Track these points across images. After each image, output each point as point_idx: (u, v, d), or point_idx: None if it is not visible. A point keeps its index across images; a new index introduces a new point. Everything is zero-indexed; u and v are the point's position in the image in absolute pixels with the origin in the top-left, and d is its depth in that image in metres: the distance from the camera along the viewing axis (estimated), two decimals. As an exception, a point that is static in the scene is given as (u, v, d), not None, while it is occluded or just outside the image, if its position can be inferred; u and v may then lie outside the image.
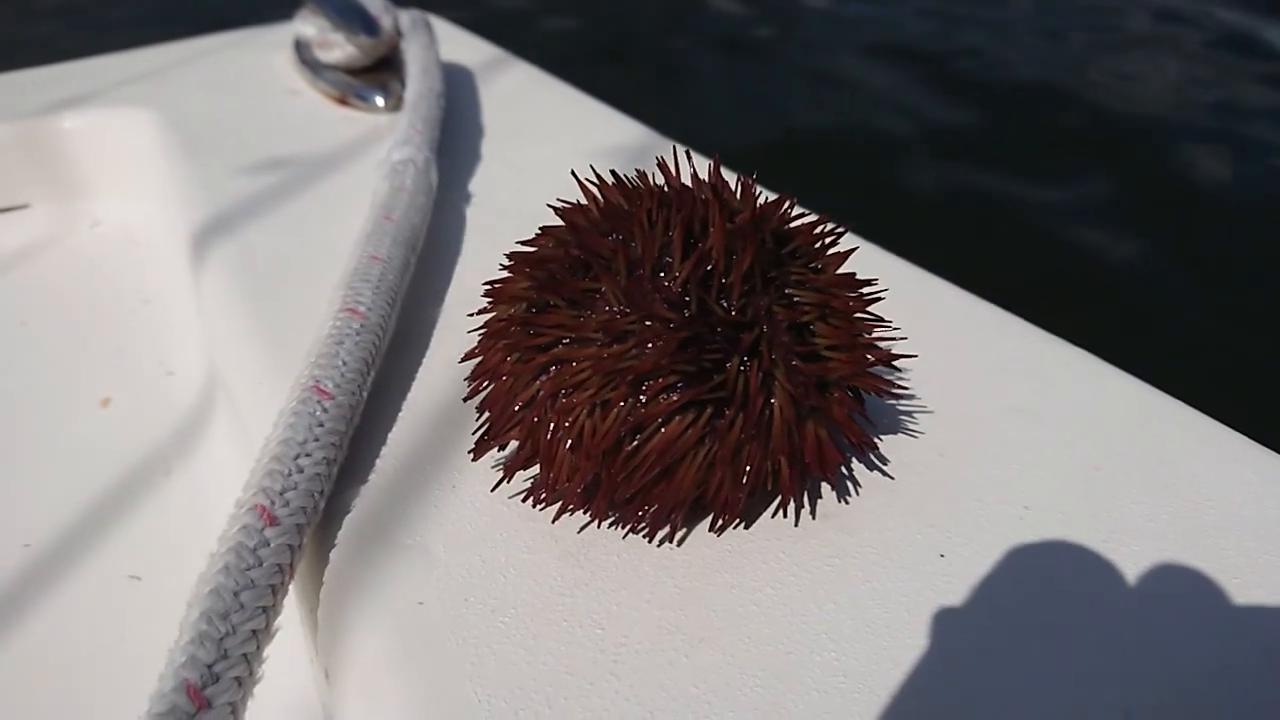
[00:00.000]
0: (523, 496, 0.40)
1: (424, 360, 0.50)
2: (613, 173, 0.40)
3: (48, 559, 0.53)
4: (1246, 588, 0.36)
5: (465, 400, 0.41)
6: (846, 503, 0.40)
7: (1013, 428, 0.44)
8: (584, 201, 0.39)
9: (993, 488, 0.41)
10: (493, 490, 0.40)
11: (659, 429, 0.35)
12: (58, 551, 0.54)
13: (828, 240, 0.40)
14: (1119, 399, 0.47)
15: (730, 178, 0.40)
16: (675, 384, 0.35)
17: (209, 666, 0.31)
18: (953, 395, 0.46)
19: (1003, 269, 1.63)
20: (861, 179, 2.14)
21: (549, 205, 0.40)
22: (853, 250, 0.40)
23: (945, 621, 0.35)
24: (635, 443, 0.35)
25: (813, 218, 0.40)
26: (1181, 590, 0.36)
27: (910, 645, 0.34)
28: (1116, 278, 1.82)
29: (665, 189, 0.39)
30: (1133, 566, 0.37)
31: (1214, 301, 1.75)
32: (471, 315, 0.41)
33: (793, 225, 0.39)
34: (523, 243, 0.40)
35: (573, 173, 0.41)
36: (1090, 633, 0.35)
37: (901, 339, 0.40)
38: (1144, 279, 1.82)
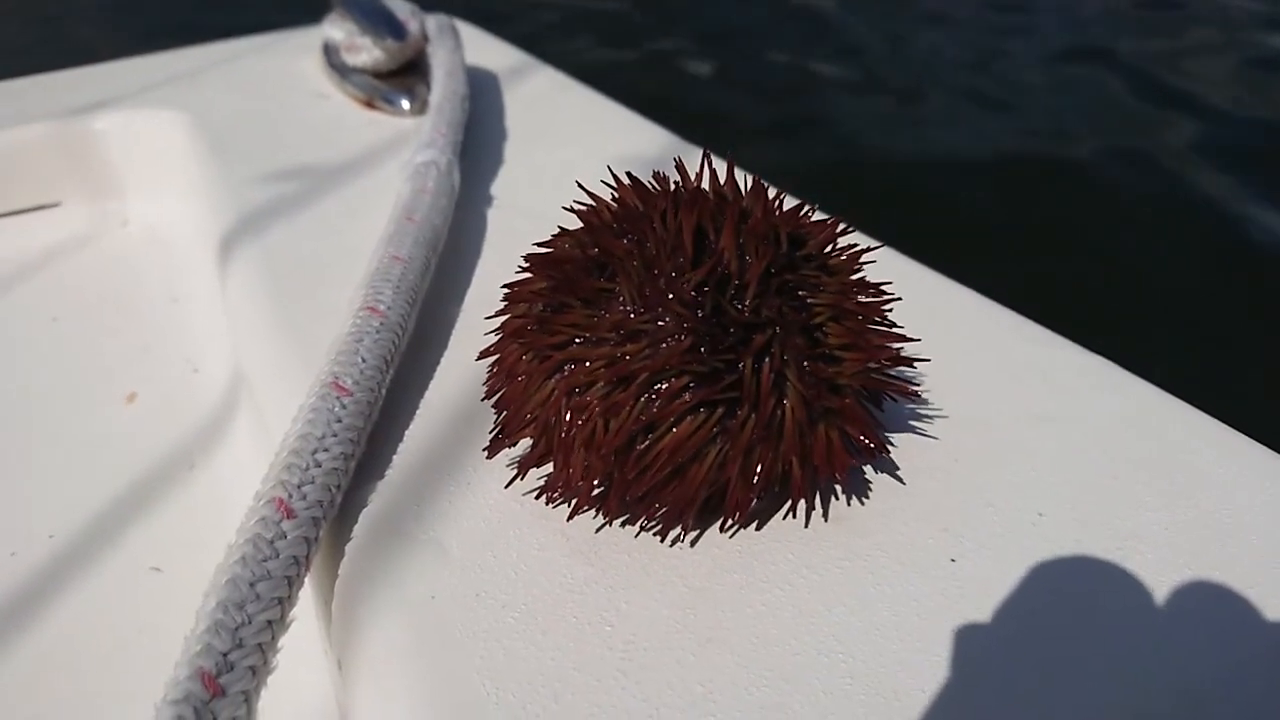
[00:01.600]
0: (536, 494, 0.40)
1: (442, 359, 0.50)
2: (629, 174, 0.40)
3: (71, 550, 0.54)
4: (1262, 596, 0.36)
5: (483, 400, 0.41)
6: (859, 505, 0.40)
7: (1028, 433, 0.44)
8: (599, 203, 0.40)
9: (1006, 493, 0.41)
10: (506, 487, 0.41)
11: (671, 428, 0.35)
12: (81, 543, 0.55)
13: (842, 243, 0.40)
14: (1135, 406, 0.46)
15: (752, 181, 0.40)
16: (688, 384, 0.35)
17: (224, 655, 0.32)
18: (967, 400, 0.46)
19: (1016, 269, 1.63)
20: (891, 181, 2.14)
21: (565, 209, 0.40)
22: (867, 250, 0.40)
23: (955, 626, 0.35)
24: (647, 441, 0.35)
25: (827, 220, 0.40)
26: (1195, 599, 0.36)
27: (919, 649, 0.34)
28: (1134, 284, 1.80)
29: (680, 190, 0.39)
30: (1147, 574, 0.37)
31: (1228, 308, 1.73)
32: (489, 317, 0.42)
33: (807, 228, 0.39)
34: (540, 244, 0.40)
35: (578, 183, 0.41)
36: (1103, 640, 0.34)
37: (915, 341, 0.40)
38: (1161, 286, 1.80)
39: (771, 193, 0.40)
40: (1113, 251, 1.89)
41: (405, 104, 0.83)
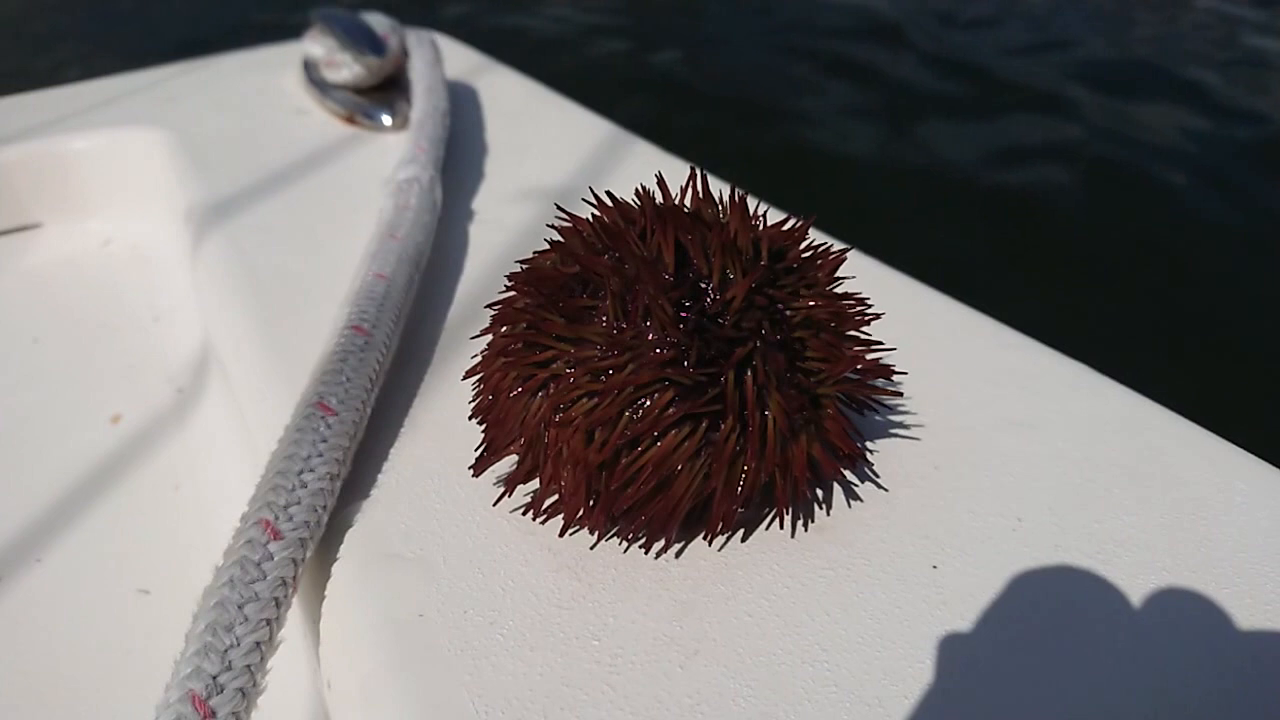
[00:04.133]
0: (523, 511, 0.41)
1: (427, 377, 0.50)
2: (608, 193, 0.40)
3: (59, 573, 0.54)
4: (1238, 598, 0.37)
5: (469, 418, 0.42)
6: (842, 514, 0.41)
7: (1007, 440, 0.45)
8: (582, 221, 0.40)
9: (986, 499, 0.41)
10: (494, 505, 0.41)
11: (655, 442, 0.36)
12: (69, 566, 0.54)
13: (822, 256, 0.40)
14: (1113, 411, 0.47)
15: (734, 195, 0.41)
16: (671, 398, 0.35)
17: (214, 677, 0.32)
18: (947, 408, 0.47)
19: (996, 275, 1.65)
20: (864, 187, 2.15)
21: (548, 225, 0.41)
22: (844, 258, 0.40)
23: (937, 632, 0.35)
24: (632, 455, 0.36)
25: (807, 231, 0.40)
26: (1173, 602, 0.37)
27: (902, 656, 0.34)
28: (1109, 285, 1.81)
29: (661, 206, 0.39)
30: (1125, 578, 0.38)
31: (1205, 310, 1.75)
32: (475, 337, 0.42)
33: (788, 241, 0.40)
34: (522, 262, 0.41)
35: (556, 204, 0.42)
36: (1082, 644, 0.35)
37: (893, 351, 0.41)
38: (1140, 289, 1.82)
39: (753, 205, 0.40)
40: (1091, 255, 1.91)
41: (386, 119, 0.83)
